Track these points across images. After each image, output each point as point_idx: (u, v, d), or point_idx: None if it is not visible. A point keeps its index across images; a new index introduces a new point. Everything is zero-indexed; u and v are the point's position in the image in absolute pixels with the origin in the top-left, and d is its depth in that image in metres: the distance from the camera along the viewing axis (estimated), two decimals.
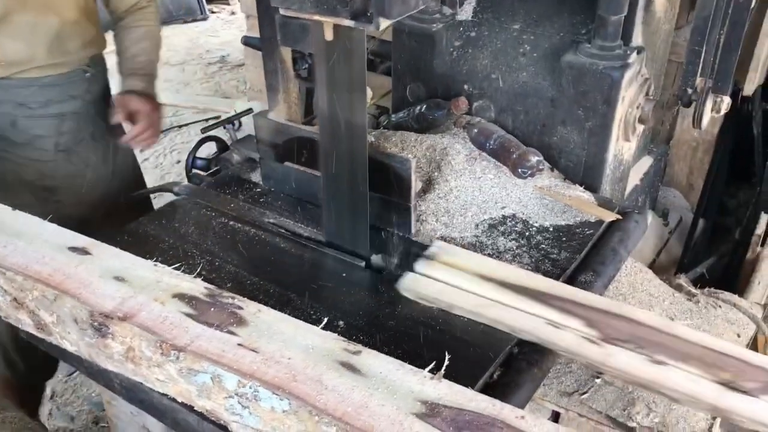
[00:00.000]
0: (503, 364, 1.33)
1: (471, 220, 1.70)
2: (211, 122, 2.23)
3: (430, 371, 1.05)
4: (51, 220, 1.37)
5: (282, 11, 1.32)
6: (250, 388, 1.01)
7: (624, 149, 1.93)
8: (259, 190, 1.87)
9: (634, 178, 2.16)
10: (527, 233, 1.66)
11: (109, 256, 1.27)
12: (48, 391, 2.61)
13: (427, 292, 1.46)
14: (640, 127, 1.93)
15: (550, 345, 1.33)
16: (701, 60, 1.70)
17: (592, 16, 1.77)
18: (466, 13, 2.02)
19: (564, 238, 1.64)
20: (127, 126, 1.87)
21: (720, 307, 1.87)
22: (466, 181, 1.77)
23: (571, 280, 1.53)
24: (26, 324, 1.27)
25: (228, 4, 6.90)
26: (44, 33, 1.70)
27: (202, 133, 2.13)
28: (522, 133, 1.91)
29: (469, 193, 1.76)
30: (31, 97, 1.73)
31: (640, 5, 1.78)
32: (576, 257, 1.58)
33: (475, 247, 1.62)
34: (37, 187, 1.85)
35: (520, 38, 1.92)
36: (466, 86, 1.97)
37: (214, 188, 1.88)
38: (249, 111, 2.22)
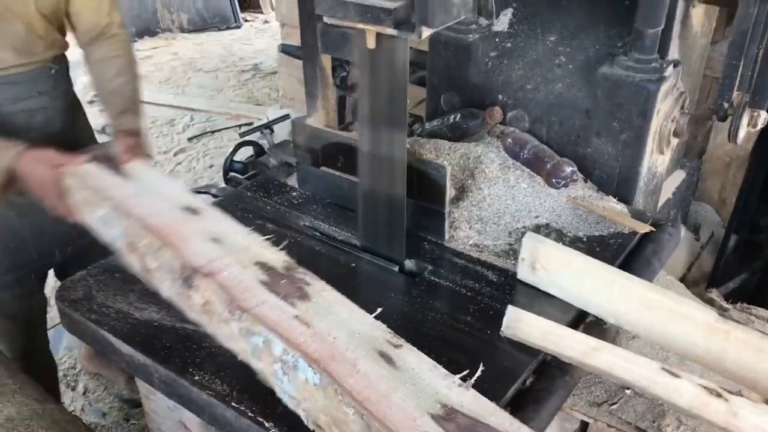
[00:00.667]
0: (536, 370, 1.34)
1: (504, 228, 1.72)
2: (244, 128, 2.27)
3: (462, 378, 1.07)
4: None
5: (326, 19, 1.35)
6: (292, 357, 1.08)
7: (658, 162, 1.93)
8: (295, 194, 1.90)
9: (667, 192, 2.16)
10: (560, 243, 1.67)
11: (213, 220, 1.39)
12: (81, 387, 2.66)
13: (529, 335, 1.35)
14: (675, 141, 1.93)
15: (669, 403, 1.23)
16: (738, 74, 1.70)
17: (629, 29, 1.78)
18: (502, 24, 2.05)
19: (597, 249, 1.65)
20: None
21: (753, 322, 1.86)
22: (499, 189, 1.79)
23: None
24: (134, 266, 1.37)
25: (261, 12, 6.98)
26: (8, 38, 1.71)
27: (240, 137, 2.17)
28: (556, 144, 1.92)
29: (502, 201, 1.77)
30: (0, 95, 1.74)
31: (678, 19, 1.79)
32: None
33: (508, 254, 1.64)
34: (13, 203, 1.81)
35: (556, 50, 1.94)
36: (500, 96, 1.99)
37: (251, 191, 1.91)
38: (286, 117, 2.26)
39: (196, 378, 1.30)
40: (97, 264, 1.63)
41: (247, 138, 2.17)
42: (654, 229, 1.70)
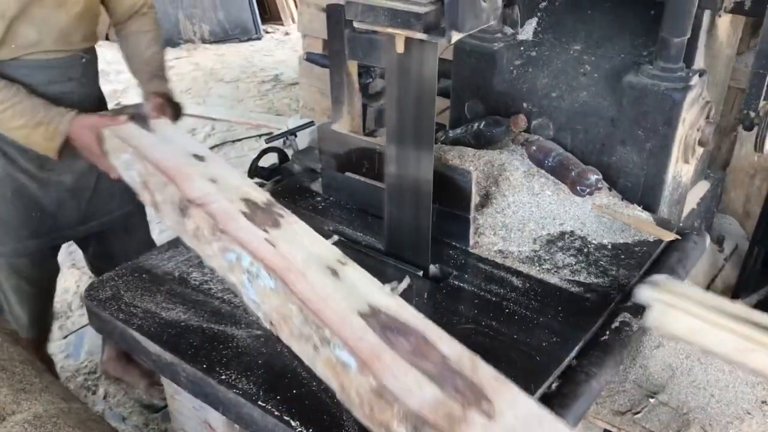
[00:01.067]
0: (561, 375, 1.34)
1: (529, 235, 1.72)
2: (264, 137, 2.30)
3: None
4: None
5: (356, 24, 1.37)
6: (256, 268, 1.29)
7: (683, 171, 1.93)
8: (319, 198, 1.91)
9: (691, 202, 2.15)
10: (585, 250, 1.67)
11: (215, 166, 1.62)
12: (101, 392, 2.68)
13: (677, 329, 1.33)
14: (700, 150, 1.93)
15: None
16: (766, 83, 1.70)
17: (654, 39, 1.79)
18: (527, 33, 2.06)
19: (622, 256, 1.65)
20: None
21: None
22: (523, 196, 1.79)
23: (628, 298, 1.53)
24: (146, 201, 1.62)
25: (282, 24, 7.05)
26: (54, 25, 1.90)
27: (266, 143, 2.19)
28: (581, 152, 1.92)
29: (526, 208, 1.78)
30: (36, 77, 1.92)
31: (704, 29, 1.79)
32: (635, 274, 1.59)
33: (533, 261, 1.64)
34: (34, 175, 2.04)
35: (581, 58, 1.94)
36: (525, 104, 1.99)
37: (275, 196, 1.92)
38: (310, 123, 2.28)
39: (223, 377, 1.31)
40: (124, 264, 1.65)
41: (272, 144, 2.19)
42: (679, 237, 1.69)
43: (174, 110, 2.03)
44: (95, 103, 2.13)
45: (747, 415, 1.62)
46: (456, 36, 1.28)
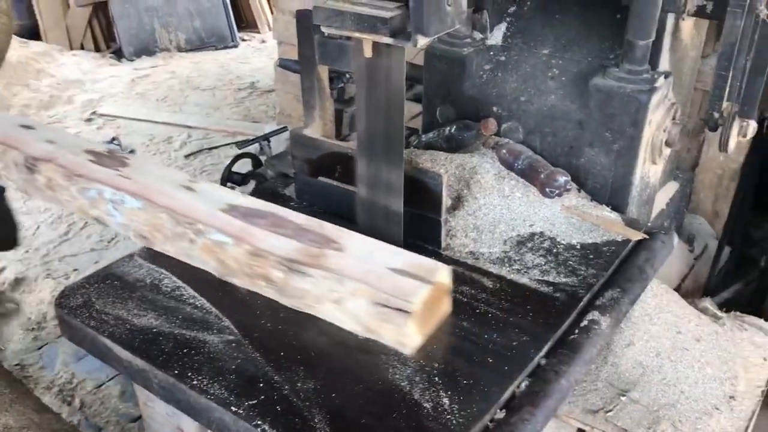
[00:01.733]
0: (531, 374, 1.35)
1: (499, 237, 1.74)
2: (241, 141, 2.31)
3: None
4: None
5: (324, 29, 1.38)
6: (120, 196, 1.61)
7: (650, 172, 1.96)
8: (293, 204, 1.92)
9: (660, 202, 2.18)
10: (555, 250, 1.69)
11: (44, 132, 1.91)
12: (77, 402, 2.66)
13: None
14: (667, 151, 1.96)
15: None
16: (728, 85, 1.73)
17: (620, 42, 1.82)
18: (496, 38, 2.08)
19: (591, 256, 1.67)
20: None
21: (746, 330, 1.88)
22: (494, 199, 1.81)
23: (597, 297, 1.55)
24: None
25: (259, 32, 7.04)
26: None
27: (239, 149, 2.19)
28: (550, 155, 1.95)
29: (497, 210, 1.79)
30: None
31: (668, 31, 1.83)
32: (603, 274, 1.61)
33: (503, 261, 1.66)
34: None
35: (549, 62, 1.97)
36: (495, 108, 2.02)
37: None
38: (283, 129, 2.29)
39: (195, 383, 1.31)
40: (95, 272, 1.64)
41: (245, 150, 2.19)
42: (647, 236, 1.72)
43: None
44: None
45: (715, 411, 1.65)
46: (422, 40, 1.29)
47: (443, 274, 1.41)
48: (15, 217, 2.77)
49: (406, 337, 1.33)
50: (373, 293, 1.35)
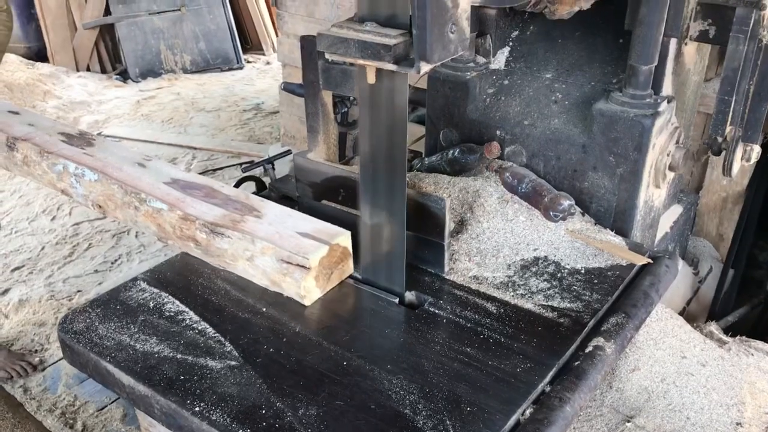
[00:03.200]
0: (536, 401, 1.34)
1: (503, 261, 1.73)
2: (245, 163, 2.32)
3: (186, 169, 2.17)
4: None
5: (328, 56, 1.39)
6: (80, 170, 1.88)
7: (654, 196, 1.96)
8: None
9: (665, 226, 2.18)
10: (559, 275, 1.69)
11: (28, 117, 2.19)
12: (79, 425, 2.65)
13: None
14: (671, 175, 1.96)
15: None
16: (731, 109, 1.73)
17: (623, 66, 1.83)
18: (499, 62, 2.09)
19: (596, 281, 1.67)
20: None
21: (752, 355, 1.86)
22: (498, 222, 1.81)
23: (602, 322, 1.54)
24: None
25: (264, 54, 7.10)
26: None
27: (243, 172, 2.20)
28: (553, 178, 1.95)
29: (501, 234, 1.79)
30: None
31: (670, 56, 1.83)
32: (608, 299, 1.60)
33: (507, 286, 1.65)
34: None
35: (552, 86, 1.98)
36: (498, 132, 2.02)
37: None
38: (287, 152, 2.29)
39: (197, 409, 1.30)
40: (98, 297, 1.64)
41: (249, 173, 2.20)
42: (651, 261, 1.72)
43: None
44: None
45: None
46: (425, 67, 1.30)
47: (343, 238, 1.62)
48: None
49: (305, 290, 1.56)
50: (278, 251, 1.57)
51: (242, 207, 1.73)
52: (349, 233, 1.63)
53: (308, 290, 1.57)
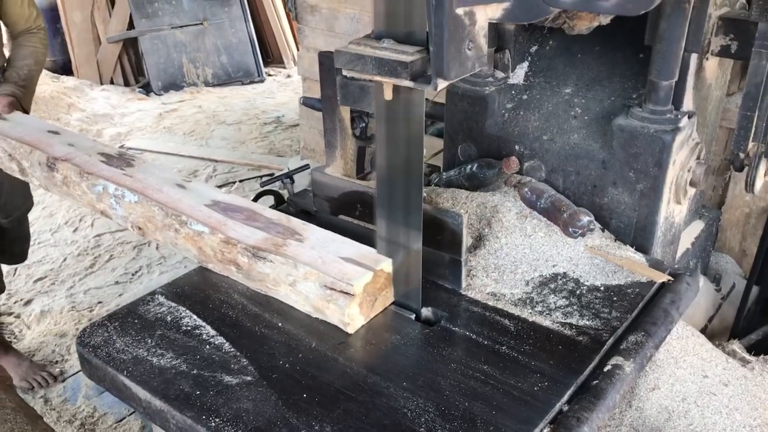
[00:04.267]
0: (553, 420, 1.33)
1: (521, 277, 1.72)
2: (265, 178, 2.33)
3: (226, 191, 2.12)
4: None
5: (345, 72, 1.39)
6: (120, 191, 1.88)
7: (675, 212, 1.94)
8: None
9: (686, 242, 2.15)
10: (578, 291, 1.67)
11: (68, 136, 2.20)
12: None
13: None
14: (692, 191, 1.93)
15: None
16: (753, 125, 1.71)
17: (643, 82, 1.81)
18: (518, 77, 2.09)
19: (615, 298, 1.65)
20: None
21: None
22: (516, 238, 1.80)
23: (621, 340, 1.52)
24: (14, 170, 2.20)
25: (284, 67, 7.15)
26: None
27: (261, 186, 2.21)
28: (573, 194, 1.93)
29: (519, 250, 1.78)
30: None
31: (691, 71, 1.81)
32: (627, 317, 1.58)
33: (525, 303, 1.64)
34: None
35: (572, 101, 1.97)
36: (517, 147, 2.01)
37: None
38: (306, 167, 2.30)
39: (212, 424, 1.30)
40: (116, 310, 1.66)
41: (268, 187, 2.21)
42: (672, 279, 1.69)
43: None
44: None
45: None
46: (442, 83, 1.30)
47: (386, 264, 1.59)
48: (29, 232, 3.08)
49: (349, 317, 1.52)
50: (321, 277, 1.55)
51: (284, 230, 1.71)
52: (389, 260, 1.60)
53: (352, 317, 1.53)
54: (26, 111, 2.53)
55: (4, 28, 2.66)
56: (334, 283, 1.52)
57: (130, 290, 3.48)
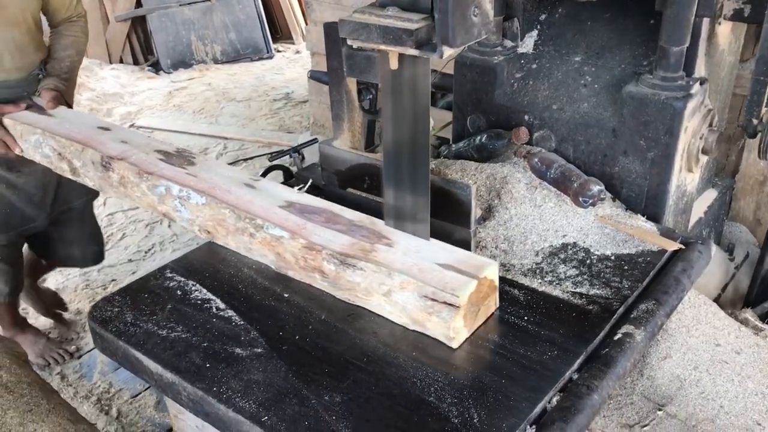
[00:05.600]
0: (563, 388, 1.32)
1: (531, 248, 1.71)
2: (275, 152, 2.33)
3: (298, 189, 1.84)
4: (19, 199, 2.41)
5: (350, 42, 1.38)
6: (186, 192, 1.72)
7: (687, 180, 1.91)
8: None
9: (698, 211, 2.13)
10: (588, 261, 1.66)
11: (120, 133, 2.04)
12: (114, 412, 2.70)
13: None
14: (704, 158, 1.91)
15: None
16: (767, 90, 1.68)
17: (654, 48, 1.79)
18: (527, 46, 2.06)
19: (626, 267, 1.64)
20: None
21: None
22: (526, 209, 1.79)
23: (632, 309, 1.52)
24: (64, 170, 2.04)
25: (293, 43, 7.11)
26: (11, 42, 2.18)
27: (269, 161, 2.21)
28: (583, 163, 1.92)
29: (529, 221, 1.77)
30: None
31: (703, 37, 1.78)
32: (638, 285, 1.57)
33: (535, 273, 1.63)
34: (2, 177, 2.36)
35: (581, 70, 1.94)
36: (526, 117, 1.99)
37: None
38: (314, 141, 2.29)
39: (224, 396, 1.31)
40: (127, 285, 1.67)
41: (277, 162, 2.21)
42: (683, 247, 1.68)
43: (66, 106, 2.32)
44: None
45: (757, 426, 1.60)
46: (448, 51, 1.28)
47: (491, 269, 1.44)
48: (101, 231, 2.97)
49: (453, 330, 1.38)
50: (420, 286, 1.40)
51: (369, 234, 1.56)
52: (496, 263, 1.47)
53: (457, 331, 1.39)
54: (70, 105, 2.40)
55: (43, 18, 2.47)
56: (436, 293, 1.37)
57: (143, 267, 3.50)
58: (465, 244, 1.65)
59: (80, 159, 1.95)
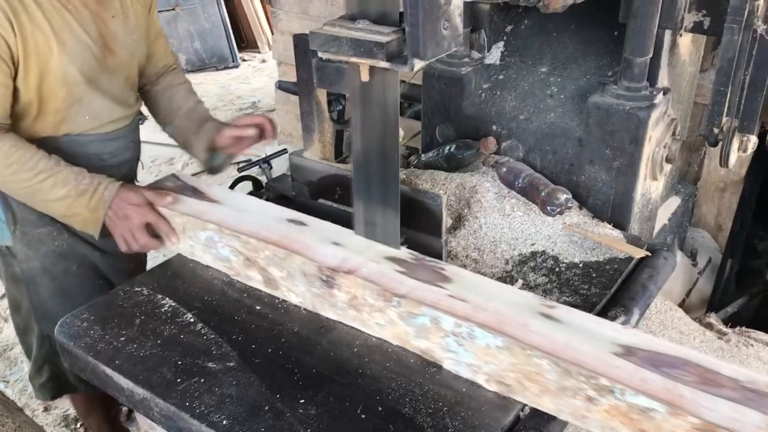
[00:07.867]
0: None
1: (501, 256, 1.73)
2: (242, 164, 2.31)
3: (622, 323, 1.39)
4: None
5: (321, 54, 1.38)
6: (466, 328, 1.24)
7: (652, 188, 1.95)
8: None
9: (663, 218, 2.17)
10: (557, 269, 1.69)
11: (323, 227, 1.57)
12: (81, 428, 2.65)
13: None
14: (668, 167, 1.95)
15: None
16: (727, 100, 1.73)
17: (618, 59, 1.82)
18: (494, 57, 2.09)
19: (594, 274, 1.66)
20: None
21: (752, 345, 1.86)
22: (495, 218, 1.81)
23: (601, 315, 1.54)
24: (255, 279, 1.58)
25: (259, 52, 7.09)
26: (116, 90, 1.86)
27: (238, 171, 2.19)
28: (550, 173, 1.94)
29: (498, 230, 1.79)
30: (105, 149, 1.87)
31: (665, 48, 1.83)
32: (606, 293, 1.60)
33: (506, 281, 1.65)
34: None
35: (548, 80, 1.97)
36: (494, 127, 2.02)
37: None
38: (283, 151, 2.29)
39: (197, 411, 1.30)
40: (96, 299, 1.64)
41: (246, 173, 2.19)
42: (649, 254, 1.71)
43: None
44: (137, 162, 2.11)
45: None
46: (419, 64, 1.29)
47: None
48: None
49: None
50: None
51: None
52: None
53: None
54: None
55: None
56: None
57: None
58: (437, 254, 1.67)
59: (281, 268, 1.50)
